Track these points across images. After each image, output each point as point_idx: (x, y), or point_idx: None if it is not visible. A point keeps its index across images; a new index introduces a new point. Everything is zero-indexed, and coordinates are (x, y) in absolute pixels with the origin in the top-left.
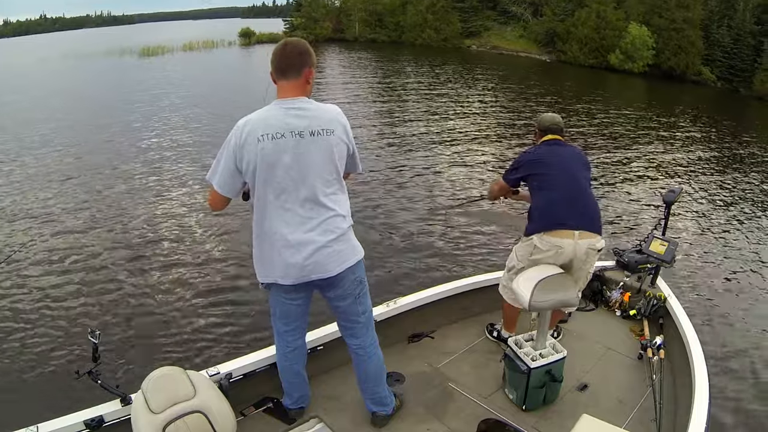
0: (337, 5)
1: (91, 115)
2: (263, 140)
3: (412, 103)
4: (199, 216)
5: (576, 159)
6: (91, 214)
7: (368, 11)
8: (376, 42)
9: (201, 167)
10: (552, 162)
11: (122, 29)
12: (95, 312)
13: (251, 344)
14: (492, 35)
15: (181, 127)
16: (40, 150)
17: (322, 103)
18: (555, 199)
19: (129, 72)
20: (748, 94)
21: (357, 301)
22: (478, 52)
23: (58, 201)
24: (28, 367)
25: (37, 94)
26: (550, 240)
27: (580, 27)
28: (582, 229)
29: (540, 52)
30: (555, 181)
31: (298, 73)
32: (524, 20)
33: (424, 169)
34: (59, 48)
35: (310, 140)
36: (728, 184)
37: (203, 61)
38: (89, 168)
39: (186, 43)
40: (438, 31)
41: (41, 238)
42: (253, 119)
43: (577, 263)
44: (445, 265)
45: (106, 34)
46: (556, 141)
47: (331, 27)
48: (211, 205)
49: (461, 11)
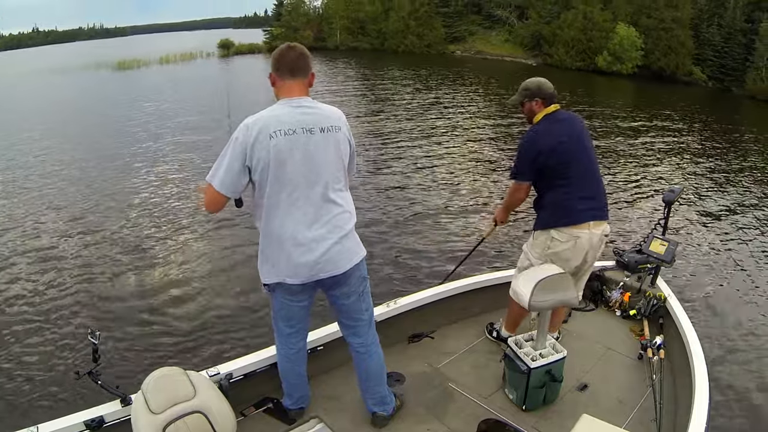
0: (319, 13)
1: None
2: (276, 136)
3: (397, 106)
4: (199, 217)
5: (583, 135)
6: (91, 214)
7: (350, 19)
8: (358, 50)
9: (204, 168)
10: (566, 149)
11: (113, 42)
12: (95, 313)
13: (251, 344)
14: (477, 40)
15: (172, 133)
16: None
17: (323, 104)
18: (573, 192)
19: (103, 85)
20: (740, 94)
21: (361, 299)
22: (462, 58)
23: (57, 201)
24: (28, 367)
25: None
26: (568, 231)
27: (567, 29)
28: (596, 219)
29: (526, 56)
30: (572, 173)
31: (306, 73)
32: (510, 24)
33: (420, 169)
34: (39, 63)
35: (321, 137)
36: (727, 185)
37: (176, 74)
38: (88, 170)
39: (163, 56)
40: (421, 37)
41: (41, 239)
42: (263, 117)
43: (591, 253)
44: (445, 265)
45: (95, 48)
46: (559, 114)
47: (312, 35)
48: (206, 205)
49: (445, 16)
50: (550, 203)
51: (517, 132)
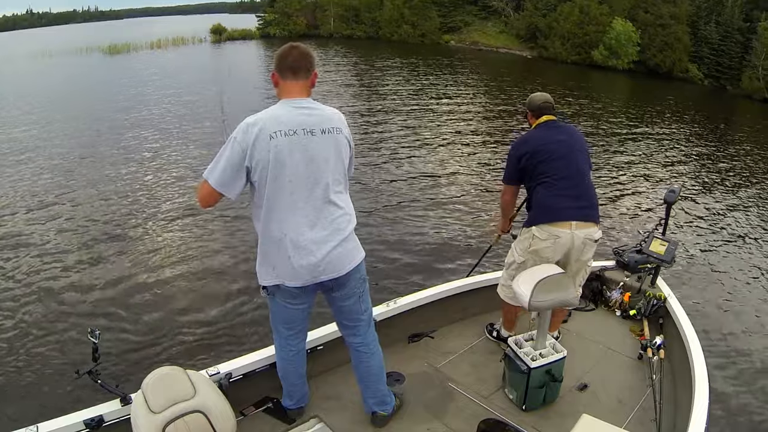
0: (313, 0)
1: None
2: (276, 137)
3: (395, 101)
4: (199, 216)
5: (576, 142)
6: (91, 213)
7: (344, 6)
8: (352, 38)
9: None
10: (552, 149)
11: (106, 25)
12: (95, 311)
13: (251, 344)
14: (472, 31)
15: (168, 124)
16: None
17: (325, 105)
18: (555, 191)
19: (89, 73)
20: (736, 93)
21: (360, 300)
22: (456, 49)
23: (56, 198)
24: (28, 366)
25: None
26: (548, 229)
27: (563, 22)
28: (580, 219)
29: (521, 47)
30: (556, 172)
31: (308, 74)
32: (506, 15)
33: (416, 170)
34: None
35: (321, 138)
36: (726, 185)
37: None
38: (88, 165)
39: (154, 40)
40: (415, 26)
41: (41, 238)
42: (263, 117)
43: (574, 254)
44: (444, 265)
45: (87, 30)
46: (553, 122)
47: (305, 23)
48: (200, 200)
49: (441, 6)
50: (534, 202)
51: (510, 127)
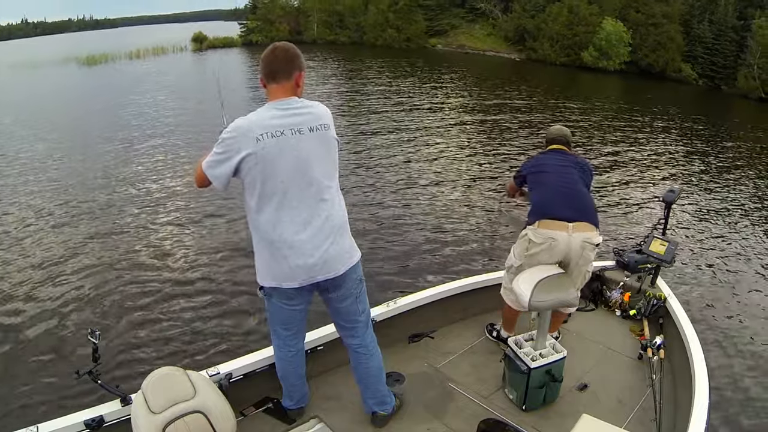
0: (295, 5)
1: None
2: (263, 138)
3: (382, 102)
4: (199, 217)
5: (574, 164)
6: (90, 213)
7: (328, 12)
8: (336, 44)
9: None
10: (549, 164)
11: (102, 33)
12: (95, 312)
13: (251, 344)
14: (460, 34)
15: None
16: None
17: (311, 101)
18: (548, 194)
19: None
20: (731, 92)
21: (357, 301)
22: (443, 52)
23: (55, 201)
24: (28, 367)
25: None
26: (543, 232)
27: (552, 23)
28: (576, 221)
29: (510, 50)
30: (548, 179)
31: (289, 76)
32: (493, 17)
33: (412, 169)
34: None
35: (310, 136)
36: (725, 184)
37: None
38: (87, 170)
39: (133, 50)
40: (400, 30)
41: (40, 238)
42: (250, 119)
43: (573, 257)
44: (445, 265)
45: (74, 40)
46: (560, 150)
47: (288, 29)
48: (195, 179)
49: (427, 9)
50: (531, 205)
51: (504, 128)
